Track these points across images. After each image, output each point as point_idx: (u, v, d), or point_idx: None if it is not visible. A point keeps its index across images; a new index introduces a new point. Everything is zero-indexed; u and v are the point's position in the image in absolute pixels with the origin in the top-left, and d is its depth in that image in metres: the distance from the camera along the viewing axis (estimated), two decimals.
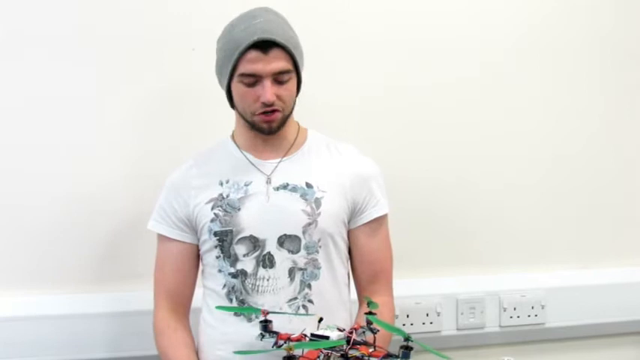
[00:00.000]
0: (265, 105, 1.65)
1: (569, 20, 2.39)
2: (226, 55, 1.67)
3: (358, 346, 1.33)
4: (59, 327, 2.05)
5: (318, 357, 1.30)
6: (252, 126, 1.72)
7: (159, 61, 2.13)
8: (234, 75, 1.67)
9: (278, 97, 1.66)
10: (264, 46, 1.62)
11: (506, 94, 2.36)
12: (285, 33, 1.66)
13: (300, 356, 1.30)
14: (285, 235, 1.70)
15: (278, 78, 1.65)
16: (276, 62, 1.63)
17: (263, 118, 1.68)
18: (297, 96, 1.75)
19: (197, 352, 1.77)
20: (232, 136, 1.82)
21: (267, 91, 1.64)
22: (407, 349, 1.25)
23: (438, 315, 2.26)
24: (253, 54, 1.63)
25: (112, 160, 2.12)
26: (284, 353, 1.31)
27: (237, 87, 1.68)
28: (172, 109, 2.15)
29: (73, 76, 2.08)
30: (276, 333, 1.52)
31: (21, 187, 2.07)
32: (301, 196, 1.72)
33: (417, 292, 2.24)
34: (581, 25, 2.40)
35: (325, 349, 1.30)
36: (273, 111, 1.67)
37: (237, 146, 1.79)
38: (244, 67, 1.64)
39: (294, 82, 1.70)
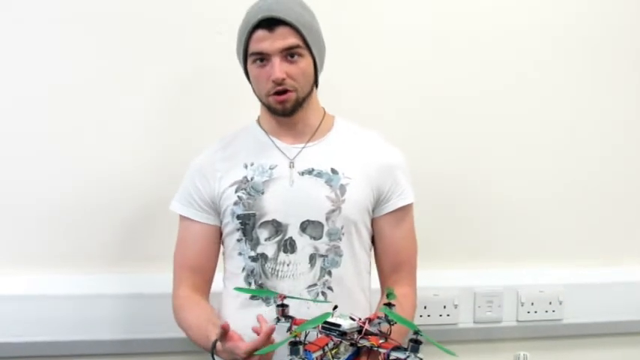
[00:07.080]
0: (276, 84, 1.64)
1: (602, 21, 2.38)
2: (239, 37, 1.69)
3: (369, 337, 1.33)
4: (74, 307, 2.07)
5: (327, 344, 1.30)
6: (269, 108, 1.71)
7: (184, 45, 2.14)
8: (248, 56, 1.67)
9: (289, 75, 1.64)
10: (270, 24, 1.62)
11: (531, 89, 2.35)
12: (293, 11, 1.63)
13: (308, 342, 1.30)
14: (308, 220, 1.70)
15: (287, 55, 1.64)
16: (283, 39, 1.62)
17: (276, 99, 1.67)
18: (316, 78, 1.73)
19: None
20: (258, 121, 1.82)
21: (276, 68, 1.63)
22: (416, 343, 1.25)
23: (456, 307, 2.25)
24: (260, 33, 1.63)
25: (133, 143, 2.14)
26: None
27: (251, 69, 1.69)
28: (197, 94, 2.16)
29: (98, 59, 2.11)
30: (292, 318, 1.52)
31: (42, 169, 2.10)
32: (326, 182, 1.71)
33: (435, 283, 2.22)
34: (610, 25, 2.39)
35: (336, 337, 1.30)
36: (286, 91, 1.65)
37: (263, 130, 1.79)
38: (253, 47, 1.65)
39: (307, 61, 1.67)
